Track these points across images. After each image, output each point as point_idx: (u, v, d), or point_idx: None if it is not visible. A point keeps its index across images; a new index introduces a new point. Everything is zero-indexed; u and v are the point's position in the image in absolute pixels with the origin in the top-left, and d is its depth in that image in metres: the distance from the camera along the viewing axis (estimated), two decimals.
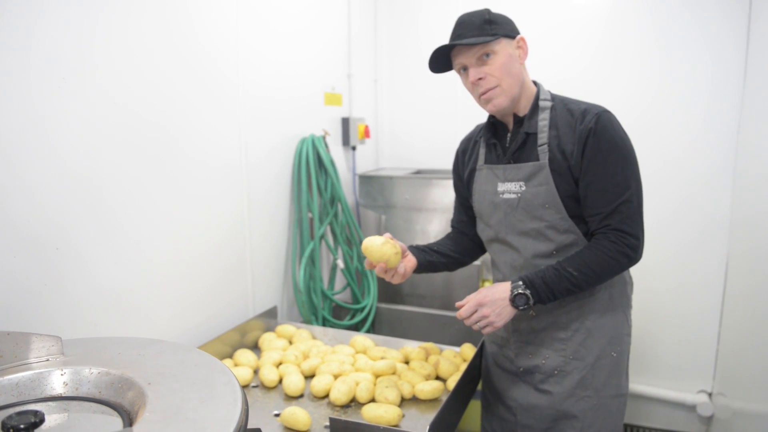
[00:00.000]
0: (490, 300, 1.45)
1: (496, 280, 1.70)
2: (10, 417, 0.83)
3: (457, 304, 1.50)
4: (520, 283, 1.44)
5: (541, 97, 1.52)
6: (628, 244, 1.41)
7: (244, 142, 2.09)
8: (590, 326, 1.54)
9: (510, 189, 1.54)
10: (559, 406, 1.55)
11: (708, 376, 2.74)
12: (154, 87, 1.64)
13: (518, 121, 1.54)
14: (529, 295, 1.42)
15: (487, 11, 1.47)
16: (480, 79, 1.46)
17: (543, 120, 1.49)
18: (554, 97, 1.53)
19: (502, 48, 1.44)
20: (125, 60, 1.54)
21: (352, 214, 2.66)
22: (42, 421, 0.84)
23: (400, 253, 1.53)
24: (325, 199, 2.51)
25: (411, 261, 1.61)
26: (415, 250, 1.66)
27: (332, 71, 2.78)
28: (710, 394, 2.73)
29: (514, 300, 1.43)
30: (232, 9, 1.98)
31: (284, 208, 2.41)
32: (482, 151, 1.64)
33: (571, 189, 1.46)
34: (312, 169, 2.42)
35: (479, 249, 1.79)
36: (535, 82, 1.57)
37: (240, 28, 2.02)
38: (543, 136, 1.47)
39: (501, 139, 1.60)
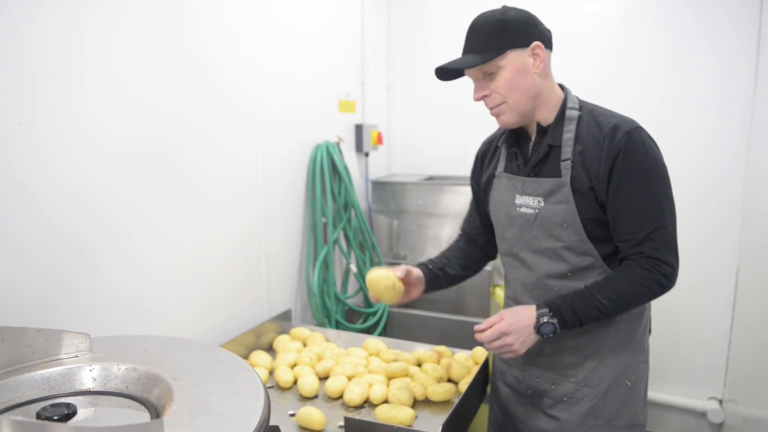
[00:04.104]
0: (516, 329, 1.35)
1: (506, 296, 1.65)
2: (44, 408, 0.88)
3: (477, 327, 1.41)
4: (547, 310, 1.35)
5: (569, 105, 1.40)
6: (663, 273, 1.33)
7: (260, 154, 2.14)
8: (603, 353, 1.44)
9: (527, 203, 1.43)
10: None
11: (719, 382, 2.74)
12: (178, 117, 1.73)
13: (542, 130, 1.42)
14: (556, 324, 1.34)
15: (501, 13, 1.34)
16: (484, 96, 1.39)
17: (568, 132, 1.37)
18: (582, 106, 1.41)
19: (510, 62, 1.33)
20: (156, 100, 1.64)
21: (365, 220, 2.70)
22: (74, 413, 0.88)
23: (398, 289, 1.47)
24: (338, 204, 2.55)
25: (417, 289, 1.57)
26: (428, 272, 1.60)
27: (346, 79, 2.83)
28: (721, 401, 2.73)
29: (539, 329, 1.35)
30: (250, 37, 2.04)
31: (299, 214, 2.46)
32: (503, 157, 1.54)
33: (593, 210, 1.36)
34: (326, 174, 2.46)
35: (487, 260, 1.74)
36: (562, 87, 1.44)
37: (257, 52, 2.08)
38: (567, 151, 1.36)
39: (523, 147, 1.48)
